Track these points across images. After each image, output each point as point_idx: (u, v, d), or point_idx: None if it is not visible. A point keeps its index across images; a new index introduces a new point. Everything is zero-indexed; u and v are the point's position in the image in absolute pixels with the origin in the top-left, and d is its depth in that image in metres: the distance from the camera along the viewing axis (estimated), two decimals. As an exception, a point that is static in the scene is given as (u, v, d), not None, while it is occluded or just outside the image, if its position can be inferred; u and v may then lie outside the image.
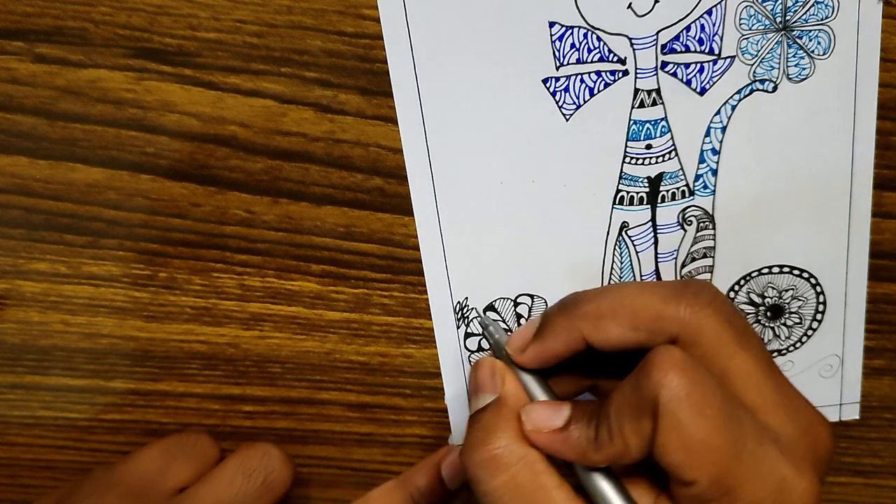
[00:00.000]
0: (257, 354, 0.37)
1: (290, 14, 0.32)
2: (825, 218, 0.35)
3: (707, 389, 0.26)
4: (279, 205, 0.35)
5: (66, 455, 0.39)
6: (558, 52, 0.32)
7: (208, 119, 0.33)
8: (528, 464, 0.28)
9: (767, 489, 0.26)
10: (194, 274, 0.36)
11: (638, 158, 0.34)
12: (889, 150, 0.34)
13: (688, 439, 0.25)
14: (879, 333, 0.38)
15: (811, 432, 0.27)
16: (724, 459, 0.25)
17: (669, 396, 0.25)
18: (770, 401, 0.27)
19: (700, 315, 0.28)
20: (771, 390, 0.27)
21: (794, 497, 0.26)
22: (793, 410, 0.28)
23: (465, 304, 0.36)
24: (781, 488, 0.26)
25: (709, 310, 0.28)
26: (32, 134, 0.33)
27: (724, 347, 0.27)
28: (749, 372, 0.27)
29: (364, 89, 0.33)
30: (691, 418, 0.25)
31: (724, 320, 0.28)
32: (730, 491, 0.25)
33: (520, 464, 0.28)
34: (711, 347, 0.27)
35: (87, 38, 0.32)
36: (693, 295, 0.28)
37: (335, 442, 0.39)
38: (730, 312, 0.28)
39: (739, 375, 0.27)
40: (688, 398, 0.25)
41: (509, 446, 0.28)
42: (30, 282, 0.36)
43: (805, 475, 0.26)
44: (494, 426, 0.29)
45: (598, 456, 0.27)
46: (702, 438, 0.25)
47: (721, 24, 0.32)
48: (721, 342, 0.27)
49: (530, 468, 0.28)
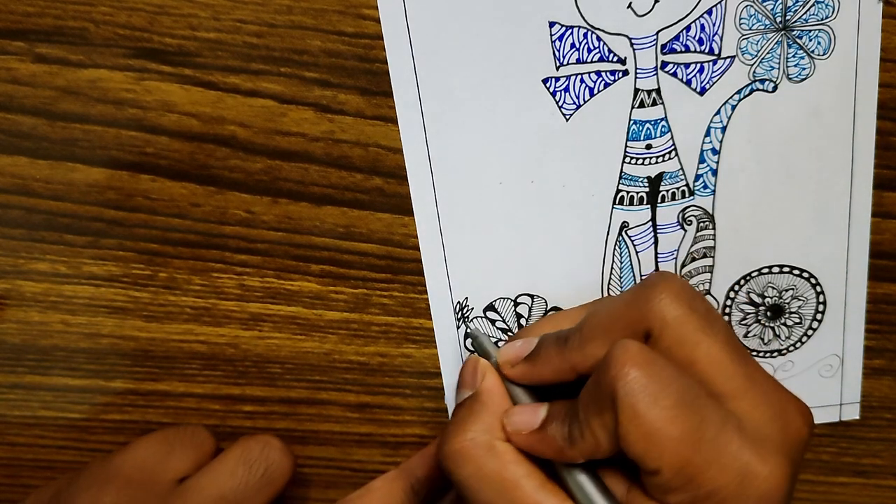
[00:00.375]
0: (257, 354, 0.37)
1: (290, 14, 0.32)
2: (825, 218, 0.35)
3: (664, 380, 0.26)
4: (279, 205, 0.35)
5: (67, 455, 0.39)
6: (558, 52, 0.32)
7: (208, 119, 0.33)
8: (495, 455, 0.29)
9: (730, 475, 0.26)
10: (194, 274, 0.36)
11: (638, 158, 0.34)
12: (889, 150, 0.34)
13: (647, 429, 0.26)
14: (879, 333, 0.38)
15: (782, 417, 0.28)
16: (683, 448, 0.26)
17: (626, 389, 0.26)
18: (737, 386, 0.28)
19: (660, 306, 0.28)
20: (738, 376, 0.28)
21: (758, 482, 0.26)
22: (762, 395, 0.28)
23: (465, 304, 0.36)
24: (744, 474, 0.26)
25: (667, 299, 0.28)
26: (32, 134, 0.33)
27: (688, 335, 0.28)
28: (715, 359, 0.28)
29: (364, 89, 0.33)
30: (647, 409, 0.26)
31: (685, 308, 0.28)
32: (691, 479, 0.26)
33: (486, 455, 0.29)
34: (676, 337, 0.28)
35: (87, 38, 0.32)
36: (651, 288, 0.29)
37: (335, 442, 0.39)
38: (690, 298, 0.28)
39: (706, 363, 0.28)
40: (643, 390, 0.26)
41: (476, 438, 0.29)
42: (30, 282, 0.36)
43: (769, 461, 0.26)
44: (465, 420, 0.30)
45: (573, 452, 0.28)
46: (659, 428, 0.26)
47: (721, 23, 0.32)
48: (685, 330, 0.28)
49: (498, 458, 0.29)
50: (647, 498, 0.28)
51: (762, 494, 0.26)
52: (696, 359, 0.28)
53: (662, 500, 0.27)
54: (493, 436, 0.30)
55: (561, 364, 0.30)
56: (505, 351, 0.32)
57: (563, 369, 0.30)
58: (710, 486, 0.26)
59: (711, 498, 0.26)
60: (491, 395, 0.31)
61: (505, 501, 0.29)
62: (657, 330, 0.28)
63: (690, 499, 0.26)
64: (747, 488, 0.26)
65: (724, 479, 0.26)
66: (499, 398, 0.31)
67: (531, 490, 0.29)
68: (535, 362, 0.31)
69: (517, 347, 0.32)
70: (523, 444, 0.29)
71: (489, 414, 0.30)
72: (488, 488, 0.29)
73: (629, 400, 0.26)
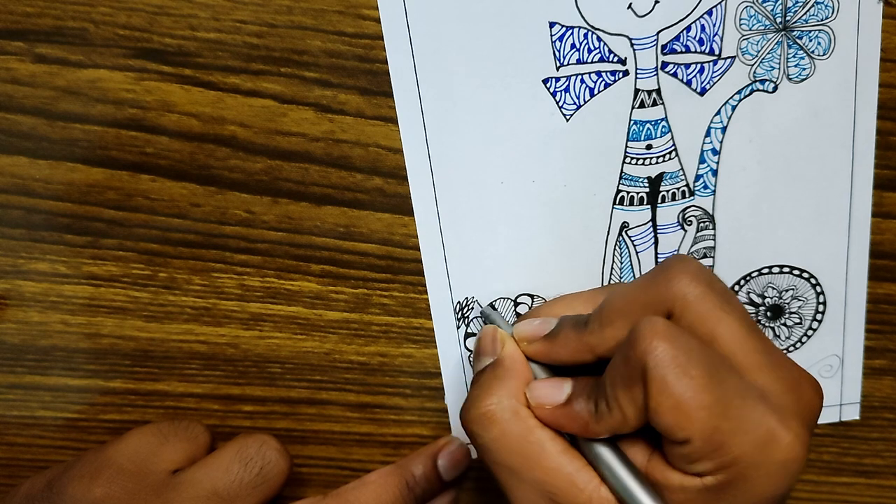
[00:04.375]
0: (257, 354, 0.37)
1: (290, 14, 0.32)
2: (825, 218, 0.35)
3: (690, 352, 0.27)
4: (279, 205, 0.35)
5: (67, 455, 0.39)
6: (558, 53, 0.32)
7: (208, 119, 0.33)
8: (520, 419, 0.30)
9: (755, 441, 0.26)
10: (194, 274, 0.36)
11: (638, 158, 0.34)
12: (889, 150, 0.34)
13: (677, 400, 0.26)
14: (879, 333, 0.38)
15: (797, 389, 0.28)
16: (712, 416, 0.26)
17: (655, 362, 0.26)
18: (756, 361, 0.28)
19: (680, 286, 0.28)
20: (756, 351, 0.28)
21: (781, 447, 0.27)
22: (778, 369, 0.28)
23: (465, 304, 0.36)
24: (768, 440, 0.27)
25: (686, 279, 0.29)
26: (32, 134, 0.33)
27: (709, 312, 0.28)
28: (736, 334, 0.28)
29: (364, 89, 0.33)
30: (678, 380, 0.26)
31: (704, 286, 0.29)
32: (720, 446, 0.26)
33: (512, 419, 0.30)
34: (698, 315, 0.28)
35: (87, 38, 0.32)
36: (669, 270, 0.29)
37: (335, 442, 0.39)
38: (708, 278, 0.29)
39: (727, 338, 0.28)
40: (673, 361, 0.26)
41: (501, 402, 0.30)
42: (30, 282, 0.36)
43: (791, 428, 0.27)
44: (489, 385, 0.31)
45: (599, 427, 0.29)
46: (690, 397, 0.26)
47: (721, 24, 0.32)
48: (705, 307, 0.28)
49: (522, 423, 0.30)
50: (669, 468, 0.28)
51: (784, 460, 0.27)
52: (717, 335, 0.28)
53: (687, 469, 0.27)
54: (517, 400, 0.30)
55: (579, 346, 0.30)
56: (521, 328, 0.32)
57: (580, 351, 0.30)
58: (736, 452, 0.26)
59: (736, 464, 0.27)
60: (513, 360, 0.31)
61: (528, 465, 0.29)
62: (679, 309, 0.28)
63: (716, 466, 0.27)
64: (771, 454, 0.27)
65: (749, 444, 0.26)
66: (521, 365, 0.31)
67: (555, 454, 0.29)
68: (554, 342, 0.31)
69: (535, 325, 0.32)
70: (547, 419, 0.30)
71: (512, 379, 0.31)
72: (512, 451, 0.29)
73: (659, 372, 0.26)
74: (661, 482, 0.28)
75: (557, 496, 0.29)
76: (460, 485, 0.38)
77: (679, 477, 0.28)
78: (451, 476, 0.37)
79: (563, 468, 0.29)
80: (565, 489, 0.29)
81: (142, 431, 0.36)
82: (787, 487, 0.27)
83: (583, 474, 0.29)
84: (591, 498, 0.28)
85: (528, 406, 0.30)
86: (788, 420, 0.27)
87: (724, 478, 0.27)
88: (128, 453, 0.35)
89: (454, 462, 0.37)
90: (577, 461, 0.29)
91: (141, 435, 0.36)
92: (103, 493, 0.34)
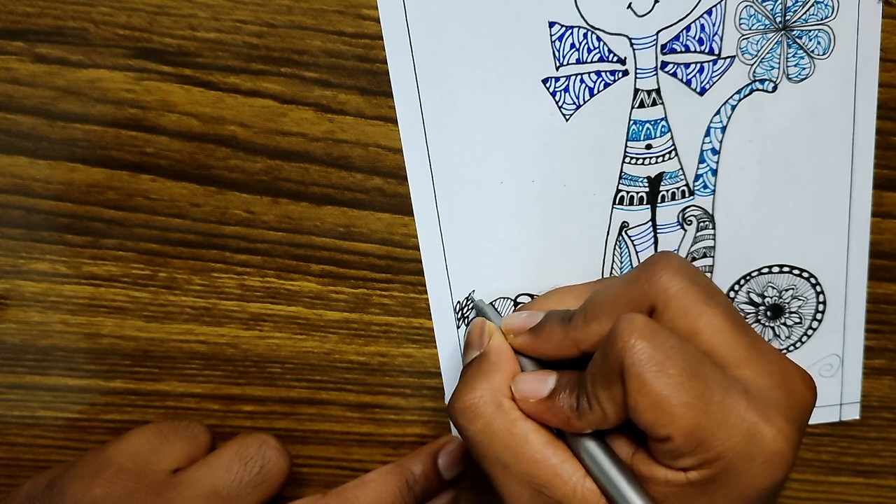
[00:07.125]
0: (257, 354, 0.37)
1: (290, 14, 0.32)
2: (825, 218, 0.35)
3: (669, 349, 0.27)
4: (279, 205, 0.35)
5: (66, 455, 0.39)
6: (558, 52, 0.32)
7: (208, 119, 0.33)
8: (503, 411, 0.30)
9: (737, 437, 0.26)
10: (194, 274, 0.36)
11: (638, 158, 0.34)
12: (889, 150, 0.34)
13: (655, 398, 0.26)
14: (879, 333, 0.38)
15: (785, 383, 0.28)
16: (692, 414, 0.26)
17: (633, 360, 0.26)
18: (741, 355, 0.28)
19: (662, 281, 0.28)
20: (741, 345, 0.28)
21: (765, 443, 0.27)
22: (764, 363, 0.28)
23: (465, 303, 0.36)
24: (751, 434, 0.26)
25: (669, 274, 0.29)
26: (32, 134, 0.33)
27: (691, 307, 0.28)
28: (718, 328, 0.28)
29: (364, 89, 0.33)
30: (655, 378, 0.26)
31: (686, 282, 0.29)
32: (702, 442, 0.26)
33: (495, 411, 0.30)
34: (680, 309, 0.28)
35: (87, 38, 0.32)
36: (652, 266, 0.29)
37: (335, 442, 0.39)
38: (691, 273, 0.29)
39: (709, 333, 0.28)
40: (650, 359, 0.26)
41: (484, 395, 0.30)
42: (30, 282, 0.36)
43: (774, 423, 0.27)
44: (475, 377, 0.31)
45: (580, 423, 0.29)
46: (668, 395, 0.26)
47: (721, 24, 0.32)
48: (687, 302, 0.28)
49: (505, 415, 0.30)
50: (654, 462, 0.28)
51: (768, 455, 0.27)
52: (699, 329, 0.28)
53: (671, 464, 0.28)
54: (501, 393, 0.30)
55: (564, 340, 0.30)
56: (509, 320, 0.32)
57: (566, 346, 0.30)
58: (719, 448, 0.26)
59: (719, 460, 0.27)
60: (499, 354, 0.32)
61: (513, 456, 0.29)
62: (661, 304, 0.28)
63: (699, 462, 0.27)
64: (754, 449, 0.26)
65: (732, 440, 0.26)
66: (506, 358, 0.32)
67: (539, 446, 0.29)
68: (539, 336, 0.31)
69: (522, 318, 0.32)
70: (531, 412, 0.30)
71: (497, 372, 0.31)
72: (497, 444, 0.29)
73: (636, 370, 0.26)
74: (647, 475, 0.28)
75: (543, 488, 0.29)
76: (460, 484, 0.38)
77: (664, 471, 0.28)
78: (450, 475, 0.37)
79: (547, 460, 0.29)
80: (550, 480, 0.29)
81: (142, 431, 0.36)
82: (774, 482, 0.27)
83: (567, 466, 0.29)
84: (575, 489, 0.29)
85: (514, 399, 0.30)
86: (771, 415, 0.27)
87: (708, 473, 0.27)
88: (128, 453, 0.35)
89: (454, 461, 0.37)
90: (562, 453, 0.29)
91: (141, 435, 0.36)
92: (104, 492, 0.34)
